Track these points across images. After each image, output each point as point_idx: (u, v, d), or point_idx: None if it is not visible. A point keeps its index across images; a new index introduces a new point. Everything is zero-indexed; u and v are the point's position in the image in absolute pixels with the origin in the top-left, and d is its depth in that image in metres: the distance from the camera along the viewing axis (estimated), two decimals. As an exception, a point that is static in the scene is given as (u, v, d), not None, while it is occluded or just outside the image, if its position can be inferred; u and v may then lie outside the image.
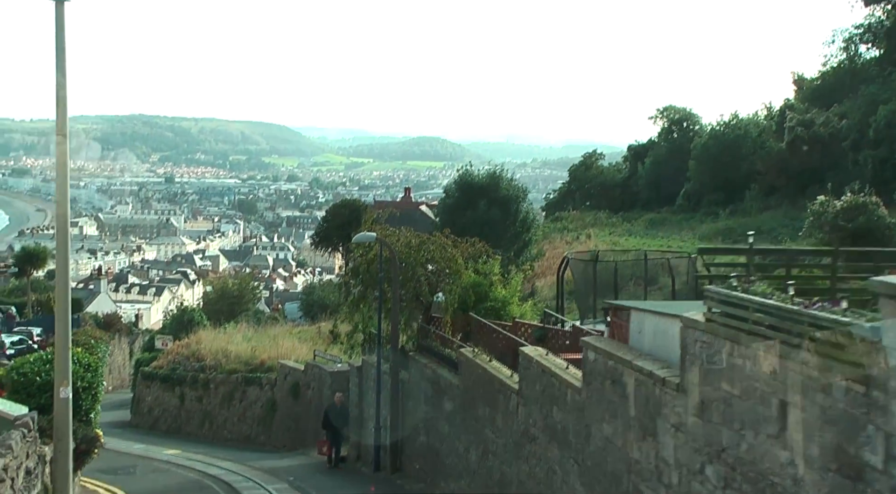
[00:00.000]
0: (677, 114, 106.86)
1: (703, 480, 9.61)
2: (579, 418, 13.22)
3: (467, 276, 24.44)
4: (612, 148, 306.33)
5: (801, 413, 7.90)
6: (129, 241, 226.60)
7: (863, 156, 56.01)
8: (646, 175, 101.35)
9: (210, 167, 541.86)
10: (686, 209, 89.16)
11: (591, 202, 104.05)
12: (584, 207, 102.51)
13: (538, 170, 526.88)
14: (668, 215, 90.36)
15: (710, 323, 9.48)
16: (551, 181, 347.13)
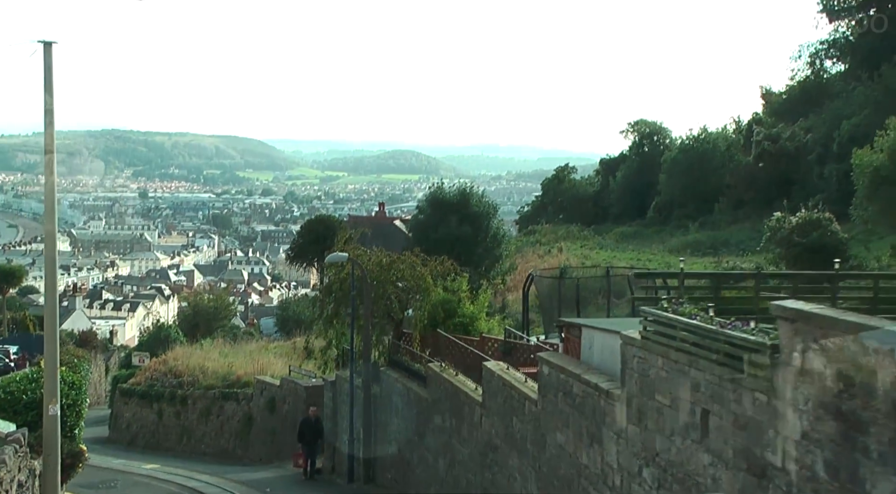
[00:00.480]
0: (648, 128, 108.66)
1: (641, 482, 10.66)
2: (536, 427, 14.26)
3: (436, 294, 25.46)
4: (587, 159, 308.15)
5: (719, 420, 8.98)
6: (103, 257, 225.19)
7: (828, 170, 57.60)
8: (617, 188, 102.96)
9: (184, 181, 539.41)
10: (657, 222, 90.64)
11: (563, 215, 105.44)
12: (556, 220, 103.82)
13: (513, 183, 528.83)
14: (640, 228, 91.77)
15: (645, 340, 10.56)
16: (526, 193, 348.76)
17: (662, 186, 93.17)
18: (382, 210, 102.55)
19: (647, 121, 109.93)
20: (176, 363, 39.16)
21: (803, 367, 7.53)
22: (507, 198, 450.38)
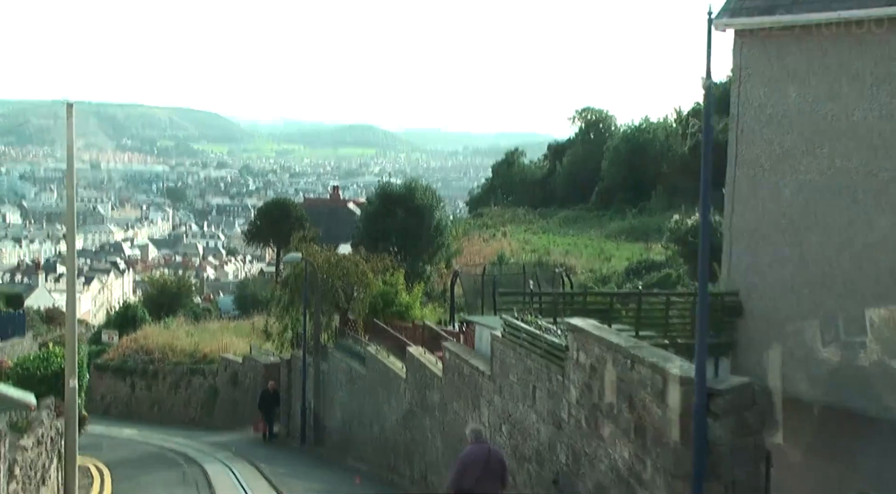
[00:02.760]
0: (594, 116, 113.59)
1: (501, 434, 15.59)
2: (441, 398, 19.15)
3: (376, 286, 30.29)
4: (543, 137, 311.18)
5: (541, 393, 13.90)
6: (55, 229, 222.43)
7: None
8: (563, 173, 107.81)
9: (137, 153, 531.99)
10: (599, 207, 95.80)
11: (512, 198, 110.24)
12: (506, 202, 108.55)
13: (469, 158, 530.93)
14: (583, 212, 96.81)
15: (504, 338, 15.45)
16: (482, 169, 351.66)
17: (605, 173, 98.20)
18: (336, 193, 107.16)
19: (594, 109, 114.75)
20: (146, 341, 43.62)
21: (577, 360, 12.45)
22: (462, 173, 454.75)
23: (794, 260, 16.15)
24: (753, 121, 16.56)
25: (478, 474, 12.52)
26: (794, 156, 16.07)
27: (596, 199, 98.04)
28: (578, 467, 12.40)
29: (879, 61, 14.99)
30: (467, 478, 12.53)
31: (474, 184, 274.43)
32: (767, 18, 15.96)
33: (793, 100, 15.96)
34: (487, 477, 12.64)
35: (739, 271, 17.08)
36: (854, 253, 15.40)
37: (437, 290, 52.19)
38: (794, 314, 16.10)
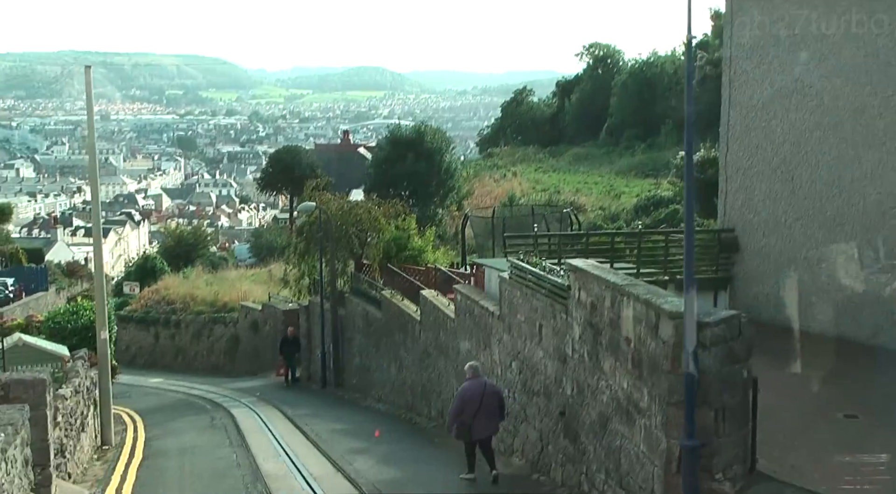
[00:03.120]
0: (601, 51, 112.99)
1: (511, 370, 16.47)
2: (453, 338, 20.04)
3: (389, 232, 31.06)
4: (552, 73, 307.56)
5: (547, 330, 14.72)
6: (69, 183, 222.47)
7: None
8: (572, 110, 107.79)
9: (146, 103, 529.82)
10: (609, 143, 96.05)
11: (522, 137, 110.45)
12: (516, 142, 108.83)
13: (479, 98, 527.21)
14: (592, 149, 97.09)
15: (511, 279, 16.24)
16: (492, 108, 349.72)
17: (614, 109, 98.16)
18: (347, 138, 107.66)
19: (601, 44, 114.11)
20: (168, 292, 44.74)
21: (579, 299, 13.24)
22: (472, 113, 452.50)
23: (786, 195, 16.84)
24: (745, 63, 17.12)
25: (475, 407, 13.84)
26: (784, 95, 16.67)
27: (605, 136, 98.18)
28: (583, 398, 13.25)
29: (863, 1, 15.49)
30: (465, 412, 13.88)
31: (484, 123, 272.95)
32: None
33: (782, 40, 16.50)
34: (484, 411, 13.97)
35: (735, 208, 17.78)
36: (843, 187, 16.07)
37: (450, 233, 53.04)
38: (787, 247, 16.83)
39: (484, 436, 14.29)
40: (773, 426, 12.19)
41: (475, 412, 13.90)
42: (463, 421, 13.89)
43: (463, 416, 13.88)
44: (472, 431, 14.11)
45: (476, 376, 14.38)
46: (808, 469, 11.06)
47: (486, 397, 14.08)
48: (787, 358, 15.35)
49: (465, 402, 13.97)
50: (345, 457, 16.56)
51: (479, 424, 13.97)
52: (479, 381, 14.25)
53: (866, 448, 11.64)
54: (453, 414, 14.12)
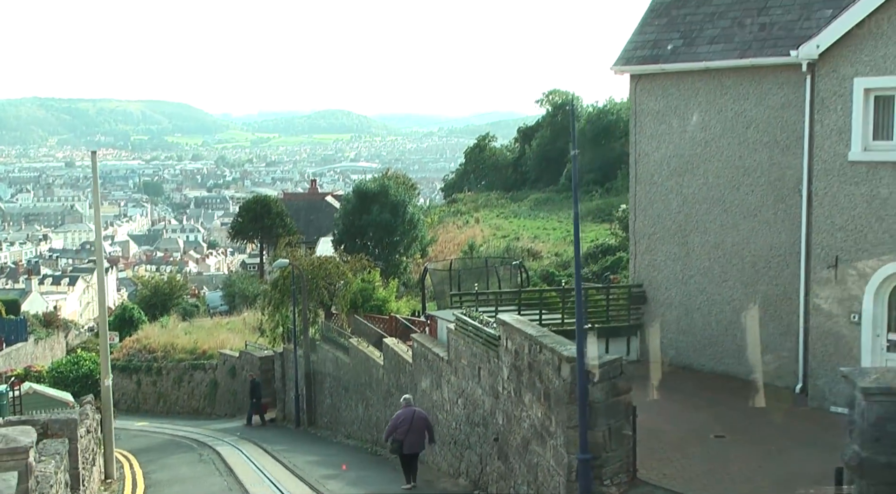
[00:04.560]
0: (560, 98, 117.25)
1: (457, 406, 19.76)
2: (411, 379, 23.30)
3: (356, 284, 34.39)
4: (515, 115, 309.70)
5: (484, 372, 18.06)
6: (34, 230, 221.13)
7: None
8: (533, 156, 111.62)
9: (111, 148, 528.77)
10: (568, 188, 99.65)
11: (485, 181, 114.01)
12: (479, 187, 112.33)
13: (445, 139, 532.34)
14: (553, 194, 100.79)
15: (456, 329, 19.60)
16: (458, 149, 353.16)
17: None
18: (314, 186, 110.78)
19: (560, 91, 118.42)
20: (148, 341, 47.59)
21: (506, 347, 16.61)
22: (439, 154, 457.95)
23: (682, 256, 20.44)
24: (647, 147, 20.78)
25: (405, 428, 18.10)
26: (678, 174, 20.33)
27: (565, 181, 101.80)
28: (511, 426, 16.58)
29: (736, 100, 19.24)
30: (398, 432, 18.20)
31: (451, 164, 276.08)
32: (652, 66, 20.16)
33: (675, 129, 20.19)
34: (413, 431, 18.35)
35: (643, 267, 21.35)
36: (725, 249, 19.70)
37: (414, 280, 56.30)
38: (684, 300, 20.41)
39: (412, 452, 18.56)
40: (656, 444, 15.62)
41: (406, 432, 18.26)
42: (396, 438, 18.13)
43: (396, 434, 18.12)
44: (402, 446, 18.34)
45: (408, 405, 18.95)
46: (678, 476, 14.44)
47: (415, 421, 18.47)
48: (678, 391, 18.85)
49: (396, 425, 18.40)
50: (319, 481, 19.74)
51: (408, 441, 18.31)
52: (410, 409, 18.73)
53: (727, 461, 15.06)
54: (388, 432, 18.66)
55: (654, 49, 20.35)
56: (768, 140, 18.82)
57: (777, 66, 18.18)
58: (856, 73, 16.42)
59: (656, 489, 14.03)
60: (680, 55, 19.83)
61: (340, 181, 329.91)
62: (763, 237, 19.08)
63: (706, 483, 14.10)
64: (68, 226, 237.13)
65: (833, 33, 16.52)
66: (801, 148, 17.69)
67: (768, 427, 16.75)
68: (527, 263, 51.73)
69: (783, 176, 18.57)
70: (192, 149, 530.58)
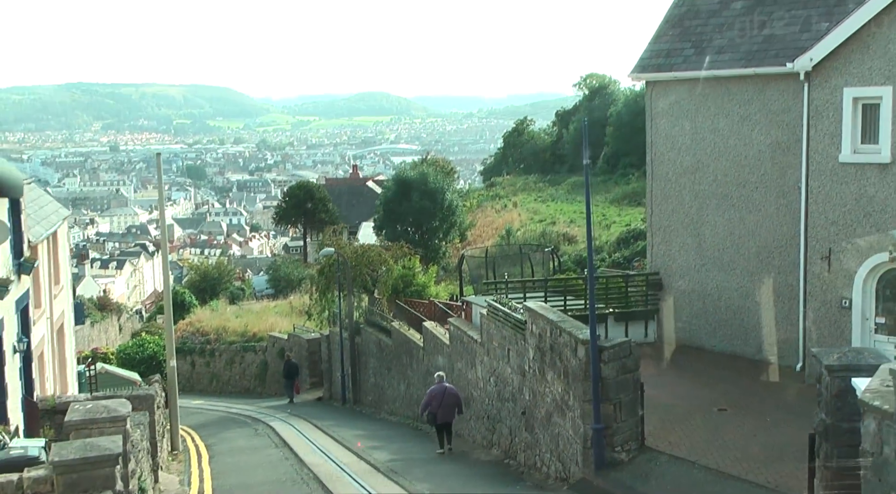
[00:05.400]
0: (597, 82, 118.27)
1: (490, 384, 21.89)
2: (449, 360, 25.46)
3: (397, 271, 36.56)
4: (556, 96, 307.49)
5: (512, 353, 20.15)
6: (81, 215, 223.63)
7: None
8: (570, 140, 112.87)
9: (154, 133, 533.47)
10: (606, 171, 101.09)
11: (524, 165, 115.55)
12: (518, 170, 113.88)
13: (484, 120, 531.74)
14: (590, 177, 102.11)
15: (488, 315, 21.69)
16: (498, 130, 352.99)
17: (609, 138, 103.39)
18: (356, 171, 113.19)
19: (598, 74, 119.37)
20: (201, 324, 50.28)
21: (531, 330, 18.67)
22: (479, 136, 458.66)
23: (695, 247, 22.36)
24: (662, 147, 22.68)
25: (438, 402, 20.78)
26: (690, 172, 22.23)
27: (603, 164, 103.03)
28: (536, 401, 18.68)
29: (741, 104, 21.08)
30: (432, 405, 20.94)
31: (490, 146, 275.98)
32: (665, 74, 22.05)
33: (687, 131, 22.07)
34: (445, 404, 21.14)
35: (659, 257, 23.30)
36: (733, 240, 21.60)
37: (452, 264, 58.46)
38: (696, 287, 22.34)
39: (444, 422, 21.39)
40: (665, 416, 17.65)
41: (439, 405, 21.08)
42: (431, 411, 20.87)
43: (431, 407, 20.88)
44: (436, 418, 21.18)
45: (441, 382, 21.63)
46: (681, 444, 16.46)
47: (446, 396, 21.24)
48: (688, 369, 20.84)
49: (430, 398, 21.24)
50: (365, 451, 22.00)
51: (441, 413, 21.16)
52: (441, 385, 21.48)
53: (726, 431, 17.04)
54: (423, 406, 21.48)
55: (667, 58, 22.23)
56: (771, 141, 20.65)
57: (778, 75, 19.97)
58: (845, 83, 18.20)
59: (661, 454, 16.07)
60: (691, 63, 21.68)
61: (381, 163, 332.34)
62: (767, 230, 20.94)
63: (705, 449, 16.09)
64: (114, 209, 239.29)
65: (825, 48, 18.31)
66: (800, 149, 19.50)
67: (768, 401, 18.69)
68: (562, 247, 53.76)
69: (784, 174, 20.40)
70: (233, 132, 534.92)
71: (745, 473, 14.86)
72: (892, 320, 18.35)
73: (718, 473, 15.03)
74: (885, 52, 17.63)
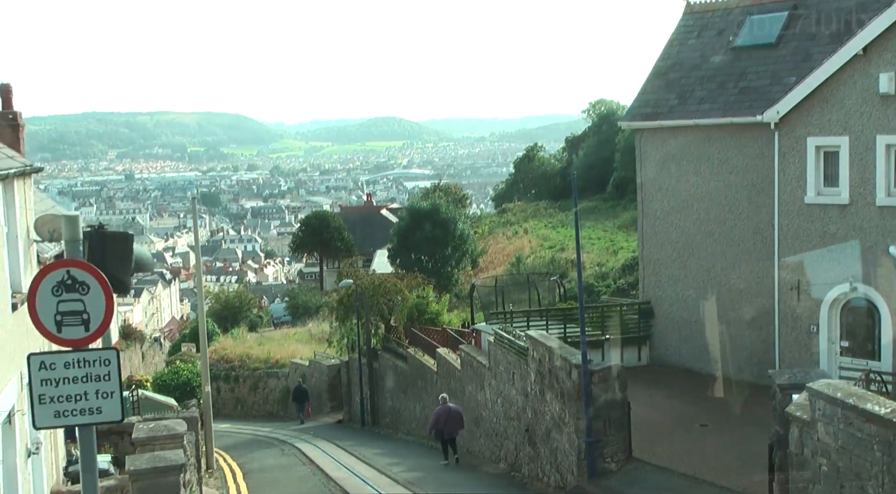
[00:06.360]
0: (605, 108, 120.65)
1: (497, 404, 24.14)
2: (461, 384, 27.74)
3: (411, 300, 38.91)
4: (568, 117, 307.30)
5: (516, 376, 22.42)
6: None
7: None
8: (580, 165, 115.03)
9: (169, 160, 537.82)
10: (615, 196, 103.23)
11: (535, 191, 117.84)
12: (529, 196, 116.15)
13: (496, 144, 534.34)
14: (599, 202, 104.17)
15: (495, 341, 23.99)
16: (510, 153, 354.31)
17: (618, 163, 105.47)
18: (370, 200, 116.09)
19: (606, 100, 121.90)
20: (225, 351, 52.68)
21: (532, 356, 20.96)
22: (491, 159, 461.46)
23: (682, 278, 24.67)
24: (651, 188, 25.05)
25: (444, 419, 23.51)
26: (676, 210, 24.58)
27: (611, 189, 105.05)
28: (537, 419, 20.94)
29: (721, 150, 23.46)
30: (438, 423, 23.71)
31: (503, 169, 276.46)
32: (652, 123, 24.45)
33: (673, 174, 24.44)
34: (450, 421, 23.95)
35: (650, 287, 25.61)
36: (715, 273, 23.90)
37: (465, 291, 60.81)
38: (684, 314, 24.62)
39: (450, 436, 24.19)
40: (652, 432, 19.89)
41: (444, 422, 23.99)
42: (438, 428, 23.73)
43: (438, 425, 23.66)
44: (443, 433, 24.07)
45: (445, 403, 24.48)
46: (664, 455, 18.69)
47: (451, 415, 24.10)
48: (675, 389, 23.09)
49: (438, 417, 24.14)
50: (386, 467, 24.28)
51: (447, 429, 24.01)
52: (446, 406, 24.35)
53: (705, 443, 19.27)
54: (431, 425, 24.37)
55: (654, 107, 24.65)
56: (747, 183, 22.99)
57: (752, 124, 22.32)
58: (808, 133, 20.56)
59: (646, 464, 18.32)
60: (675, 112, 24.09)
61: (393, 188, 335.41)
62: (745, 263, 23.24)
63: (685, 459, 18.33)
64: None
65: (789, 102, 20.68)
66: (773, 191, 21.82)
67: (745, 417, 20.89)
68: (570, 273, 56.04)
69: (759, 213, 22.72)
70: (247, 159, 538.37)
71: (718, 479, 17.09)
72: (854, 343, 20.59)
73: (695, 479, 17.26)
74: (842, 106, 19.98)
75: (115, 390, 8.33)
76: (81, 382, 8.23)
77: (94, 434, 8.51)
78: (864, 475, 10.28)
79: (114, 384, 8.33)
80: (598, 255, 73.01)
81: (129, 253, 9.24)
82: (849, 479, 10.62)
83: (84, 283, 8.17)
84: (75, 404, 8.23)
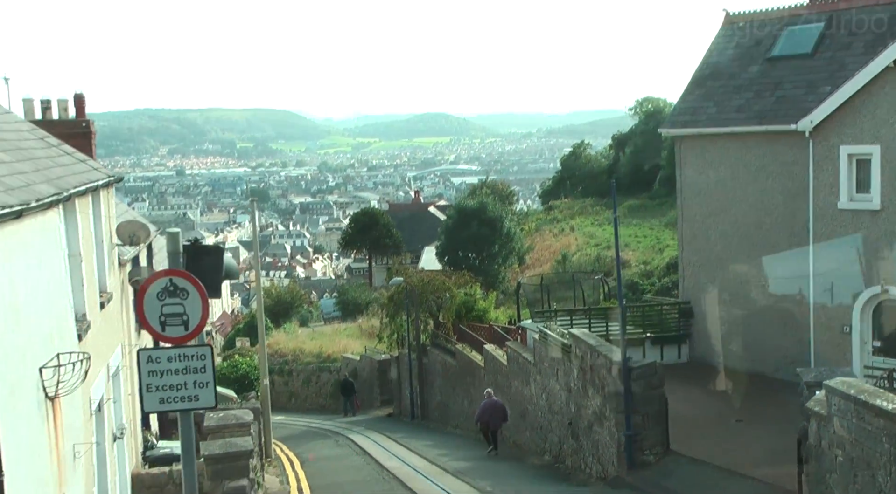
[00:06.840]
0: (652, 106, 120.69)
1: (542, 399, 25.31)
2: (507, 379, 28.95)
3: (459, 297, 40.19)
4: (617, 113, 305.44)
5: (560, 372, 23.59)
6: None
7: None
8: (627, 163, 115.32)
9: (218, 156, 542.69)
10: (662, 194, 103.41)
11: (582, 188, 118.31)
12: (575, 193, 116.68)
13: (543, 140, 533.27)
14: (646, 200, 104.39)
15: (540, 339, 25.16)
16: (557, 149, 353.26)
17: (665, 161, 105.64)
18: (417, 197, 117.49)
19: (653, 98, 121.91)
20: (279, 346, 54.40)
21: (575, 353, 22.11)
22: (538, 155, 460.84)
23: (719, 280, 25.67)
24: (690, 192, 26.06)
25: (489, 413, 24.96)
26: (715, 214, 25.57)
27: (658, 187, 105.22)
28: (579, 413, 22.10)
29: (757, 156, 24.40)
30: (483, 416, 25.17)
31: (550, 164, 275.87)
32: (690, 130, 25.46)
33: (711, 179, 25.43)
34: (493, 415, 25.50)
35: (690, 288, 26.63)
36: (752, 275, 24.84)
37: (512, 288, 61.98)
38: (721, 314, 25.64)
39: (494, 428, 25.69)
40: (688, 426, 20.97)
41: (489, 415, 25.50)
42: (483, 420, 25.16)
43: (483, 418, 25.15)
44: (488, 425, 25.57)
45: (490, 397, 26.02)
46: (700, 448, 19.77)
47: (495, 408, 25.67)
48: (714, 386, 24.11)
49: (482, 411, 25.74)
50: (436, 458, 25.59)
51: (491, 421, 25.56)
52: (491, 400, 25.90)
53: (739, 437, 20.30)
54: (476, 417, 25.98)
55: (693, 115, 25.66)
56: (783, 189, 23.92)
57: (787, 131, 23.24)
58: (841, 141, 21.47)
59: (682, 457, 19.42)
60: (713, 120, 25.07)
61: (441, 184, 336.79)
62: (780, 266, 24.18)
63: (718, 452, 19.39)
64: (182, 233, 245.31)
65: (823, 111, 21.60)
66: (807, 196, 22.74)
67: (779, 413, 21.82)
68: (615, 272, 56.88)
69: (794, 217, 23.64)
70: (295, 155, 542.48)
71: (751, 471, 18.13)
72: (886, 344, 21.48)
73: (729, 472, 18.32)
74: (874, 116, 20.86)
75: (209, 381, 9.71)
76: (182, 374, 9.63)
77: (192, 420, 9.90)
78: (875, 464, 11.32)
79: (208, 375, 9.71)
80: (643, 253, 73.60)
81: (220, 264, 10.60)
82: (861, 468, 11.67)
83: (184, 289, 9.57)
84: (177, 392, 9.63)
